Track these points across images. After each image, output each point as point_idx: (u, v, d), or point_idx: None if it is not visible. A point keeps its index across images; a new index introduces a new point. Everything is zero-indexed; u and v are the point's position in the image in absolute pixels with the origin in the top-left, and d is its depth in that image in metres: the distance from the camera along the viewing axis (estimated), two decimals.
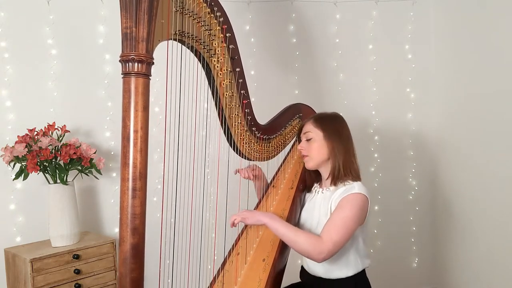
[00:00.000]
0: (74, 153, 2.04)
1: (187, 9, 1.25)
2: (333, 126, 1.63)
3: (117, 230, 2.44)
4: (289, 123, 1.86)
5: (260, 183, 1.90)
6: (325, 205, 1.60)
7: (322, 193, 1.66)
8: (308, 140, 1.64)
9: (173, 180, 1.40)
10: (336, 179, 1.60)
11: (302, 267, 1.75)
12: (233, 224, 1.50)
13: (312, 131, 1.63)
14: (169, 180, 1.43)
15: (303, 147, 1.65)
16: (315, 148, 1.62)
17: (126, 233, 1.07)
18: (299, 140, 1.72)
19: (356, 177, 1.60)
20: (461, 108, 2.66)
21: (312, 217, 1.65)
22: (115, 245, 2.19)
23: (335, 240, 1.43)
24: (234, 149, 1.65)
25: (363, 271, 1.65)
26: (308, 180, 1.76)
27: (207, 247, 2.04)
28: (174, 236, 1.47)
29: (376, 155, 2.91)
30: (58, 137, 2.12)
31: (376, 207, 2.89)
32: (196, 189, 1.60)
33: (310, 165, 1.65)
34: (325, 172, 1.67)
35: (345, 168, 1.59)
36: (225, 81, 1.47)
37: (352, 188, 1.54)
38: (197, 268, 1.72)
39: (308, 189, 1.76)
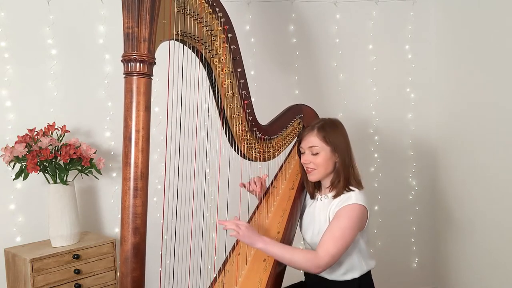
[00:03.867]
0: (74, 153, 2.03)
1: (189, 10, 1.25)
2: (338, 138, 1.61)
3: (117, 230, 2.44)
4: (290, 123, 1.86)
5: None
6: (324, 213, 1.61)
7: (321, 200, 1.67)
8: (314, 154, 1.61)
9: (173, 180, 1.40)
10: (337, 188, 1.60)
11: None
12: (221, 224, 1.47)
13: (319, 145, 1.59)
14: (170, 180, 1.43)
15: (309, 160, 1.61)
16: (322, 162, 1.60)
17: (128, 232, 1.07)
18: (299, 151, 1.69)
19: (357, 185, 1.60)
20: (461, 108, 2.66)
21: (313, 224, 1.65)
22: (115, 245, 2.19)
23: (332, 253, 1.44)
24: (235, 150, 1.64)
25: (368, 273, 1.66)
26: (310, 188, 1.73)
27: (208, 247, 2.04)
28: (175, 236, 1.47)
29: (376, 155, 2.91)
30: (58, 137, 2.12)
31: (376, 207, 2.89)
32: (197, 189, 1.60)
33: (315, 178, 1.63)
34: (326, 181, 1.66)
35: (348, 179, 1.60)
36: (227, 81, 1.47)
37: (349, 198, 1.54)
38: (197, 268, 1.72)
39: (311, 196, 1.74)
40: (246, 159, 1.70)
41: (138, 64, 1.05)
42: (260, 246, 1.43)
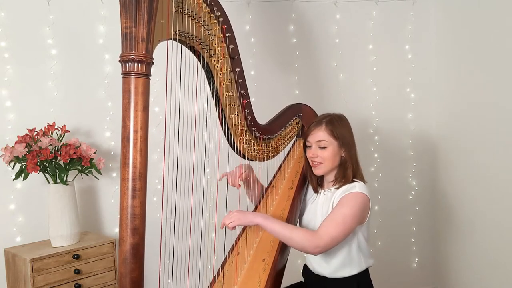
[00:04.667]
0: (74, 153, 2.04)
1: (187, 9, 1.24)
2: (345, 132, 1.63)
3: (117, 230, 2.44)
4: (289, 123, 1.86)
5: (251, 191, 1.83)
6: (327, 205, 1.61)
7: (324, 194, 1.68)
8: (321, 148, 1.61)
9: (173, 180, 1.40)
10: (341, 182, 1.61)
11: (305, 265, 1.76)
12: (223, 227, 1.48)
13: (327, 140, 1.60)
14: (169, 180, 1.43)
15: (316, 154, 1.62)
16: (329, 156, 1.61)
17: (126, 233, 1.07)
18: (306, 145, 1.68)
19: (361, 179, 1.62)
20: (461, 108, 2.66)
21: (315, 218, 1.65)
22: (115, 245, 2.19)
23: (332, 235, 1.43)
24: (234, 149, 1.64)
25: (366, 271, 1.66)
26: (314, 182, 1.73)
27: (207, 247, 2.04)
28: (174, 236, 1.47)
29: (376, 155, 2.91)
30: (58, 137, 2.12)
31: (376, 207, 2.88)
32: (196, 189, 1.60)
33: (321, 171, 1.64)
34: (331, 176, 1.67)
35: (354, 173, 1.61)
36: (225, 81, 1.47)
37: (353, 187, 1.55)
38: (197, 268, 1.72)
39: (314, 190, 1.75)
40: (245, 158, 1.70)
41: (136, 64, 1.05)
42: (259, 220, 1.45)
